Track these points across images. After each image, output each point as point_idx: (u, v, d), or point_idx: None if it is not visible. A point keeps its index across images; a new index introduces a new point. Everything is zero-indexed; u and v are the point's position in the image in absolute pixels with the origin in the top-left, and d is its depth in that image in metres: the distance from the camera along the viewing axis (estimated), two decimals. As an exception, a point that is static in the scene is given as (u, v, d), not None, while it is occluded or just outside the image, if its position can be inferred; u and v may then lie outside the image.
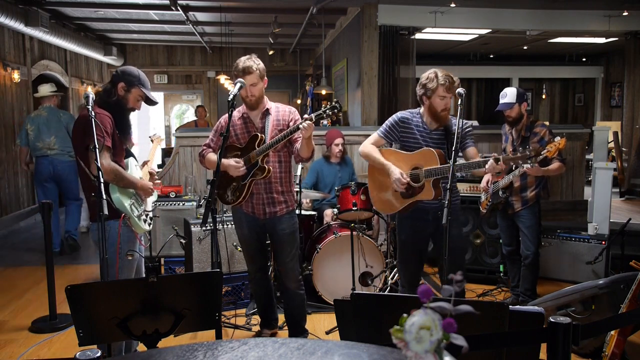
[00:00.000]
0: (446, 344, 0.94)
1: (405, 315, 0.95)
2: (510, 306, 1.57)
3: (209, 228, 3.82)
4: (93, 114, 2.45)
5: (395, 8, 7.16)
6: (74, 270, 5.24)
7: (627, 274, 2.99)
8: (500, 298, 4.33)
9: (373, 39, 7.09)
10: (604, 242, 4.34)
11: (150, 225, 2.88)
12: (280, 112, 3.21)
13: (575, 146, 6.26)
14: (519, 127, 3.87)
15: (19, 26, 6.80)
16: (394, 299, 1.87)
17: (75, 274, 5.10)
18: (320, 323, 3.80)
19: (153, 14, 8.49)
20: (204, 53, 12.40)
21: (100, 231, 2.27)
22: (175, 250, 4.65)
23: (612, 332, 2.80)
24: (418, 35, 7.74)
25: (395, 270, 4.15)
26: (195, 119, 9.91)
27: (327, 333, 3.64)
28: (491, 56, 12.28)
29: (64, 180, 5.73)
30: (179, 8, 7.46)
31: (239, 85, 2.98)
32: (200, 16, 8.70)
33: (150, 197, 2.91)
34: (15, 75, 7.26)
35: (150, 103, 2.86)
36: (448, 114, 3.05)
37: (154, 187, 2.90)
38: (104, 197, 2.29)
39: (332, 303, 1.94)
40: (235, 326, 3.68)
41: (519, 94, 3.79)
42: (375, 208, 3.53)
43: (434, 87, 2.95)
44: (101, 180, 2.33)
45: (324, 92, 8.33)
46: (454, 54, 11.75)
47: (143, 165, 2.97)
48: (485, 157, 2.92)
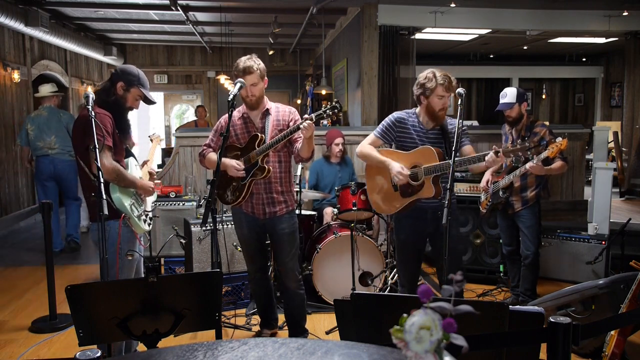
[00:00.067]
0: (446, 344, 0.94)
1: (405, 315, 0.95)
2: (510, 306, 1.57)
3: (209, 228, 3.82)
4: (93, 114, 2.45)
5: (395, 8, 7.16)
6: (74, 270, 5.24)
7: (627, 274, 2.98)
8: (500, 298, 4.33)
9: (373, 39, 7.09)
10: (604, 242, 4.34)
11: (150, 226, 2.87)
12: (280, 112, 3.21)
13: (575, 146, 6.25)
14: (519, 127, 3.87)
15: (19, 26, 6.80)
16: (394, 299, 1.87)
17: (75, 274, 5.10)
18: (320, 323, 3.80)
19: (153, 14, 8.49)
20: (204, 53, 12.40)
21: (100, 231, 2.27)
22: (175, 250, 4.65)
23: (612, 332, 2.80)
24: (418, 35, 7.74)
25: (395, 270, 4.15)
26: (195, 119, 9.90)
27: (327, 333, 3.64)
28: (491, 56, 12.29)
29: (64, 180, 5.76)
30: (179, 8, 7.46)
31: (239, 85, 2.98)
32: (200, 16, 8.70)
33: (150, 197, 2.91)
34: (15, 75, 7.26)
35: (149, 102, 2.86)
36: (445, 114, 3.06)
37: (154, 187, 2.90)
38: (104, 197, 2.29)
39: (332, 303, 1.94)
40: (235, 326, 3.68)
41: (519, 94, 3.79)
42: (374, 210, 3.53)
43: (433, 87, 2.95)
44: (101, 180, 2.33)
45: (324, 92, 8.33)
46: (454, 54, 11.76)
47: (143, 165, 2.96)
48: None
